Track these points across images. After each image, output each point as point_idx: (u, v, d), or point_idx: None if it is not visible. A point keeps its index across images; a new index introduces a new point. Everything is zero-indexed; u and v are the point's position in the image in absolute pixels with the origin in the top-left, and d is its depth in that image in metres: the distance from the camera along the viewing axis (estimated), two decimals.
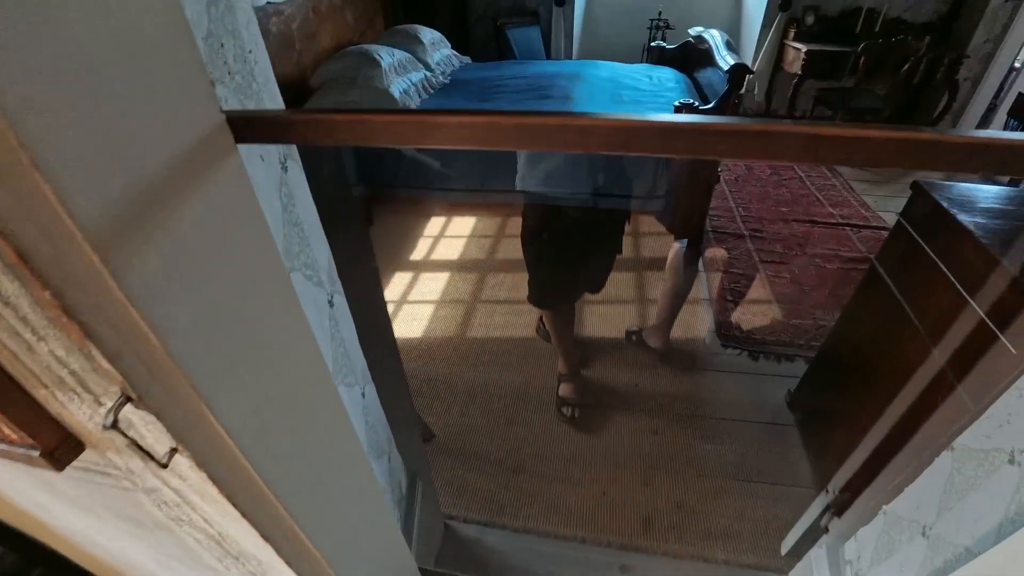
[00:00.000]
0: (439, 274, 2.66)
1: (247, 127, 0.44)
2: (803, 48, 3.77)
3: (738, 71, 2.06)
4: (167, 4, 0.39)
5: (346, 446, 0.77)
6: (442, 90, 2.87)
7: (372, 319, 1.10)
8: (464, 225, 3.07)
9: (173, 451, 0.46)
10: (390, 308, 2.43)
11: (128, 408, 0.43)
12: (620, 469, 1.64)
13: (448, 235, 3.01)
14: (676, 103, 2.02)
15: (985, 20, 3.67)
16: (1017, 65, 3.87)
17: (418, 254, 2.85)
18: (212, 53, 0.57)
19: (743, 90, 4.57)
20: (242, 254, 0.49)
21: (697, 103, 2.01)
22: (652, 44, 3.49)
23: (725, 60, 2.23)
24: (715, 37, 2.57)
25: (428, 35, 3.14)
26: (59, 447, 0.49)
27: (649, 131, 0.36)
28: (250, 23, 0.67)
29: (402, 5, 3.86)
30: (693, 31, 3.03)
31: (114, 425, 0.40)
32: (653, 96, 2.64)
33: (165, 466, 0.44)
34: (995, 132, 0.37)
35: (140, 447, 0.43)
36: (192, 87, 0.41)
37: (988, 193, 1.24)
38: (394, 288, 2.56)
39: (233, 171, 0.46)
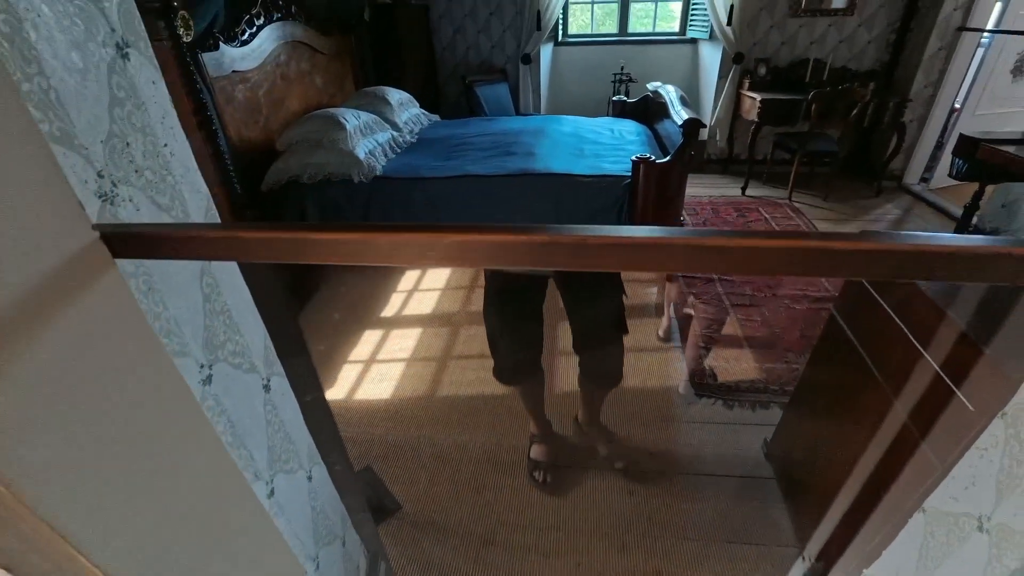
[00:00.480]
0: (410, 330, 2.61)
1: (123, 243, 0.42)
2: (758, 97, 3.96)
3: (691, 126, 2.14)
4: (19, 135, 0.37)
5: (269, 552, 0.71)
6: (409, 149, 2.92)
7: (316, 395, 1.05)
8: (438, 277, 3.05)
9: None
10: (359, 368, 2.37)
11: None
12: (595, 536, 1.56)
13: (421, 288, 2.98)
14: (633, 157, 2.08)
15: (923, 66, 3.92)
16: (957, 106, 4.10)
17: (390, 310, 2.80)
18: (114, 154, 0.55)
19: (706, 137, 4.75)
20: (120, 374, 0.45)
21: (654, 157, 2.07)
22: (614, 98, 3.63)
23: (679, 115, 2.31)
24: (670, 92, 2.68)
25: (396, 96, 3.22)
26: None
27: (528, 246, 0.34)
28: (166, 116, 0.66)
29: (372, 67, 3.98)
30: (651, 86, 3.16)
31: None
32: (614, 149, 2.72)
33: None
34: (892, 234, 0.36)
35: None
36: (52, 211, 0.38)
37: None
38: (363, 347, 2.50)
39: (110, 287, 0.43)
